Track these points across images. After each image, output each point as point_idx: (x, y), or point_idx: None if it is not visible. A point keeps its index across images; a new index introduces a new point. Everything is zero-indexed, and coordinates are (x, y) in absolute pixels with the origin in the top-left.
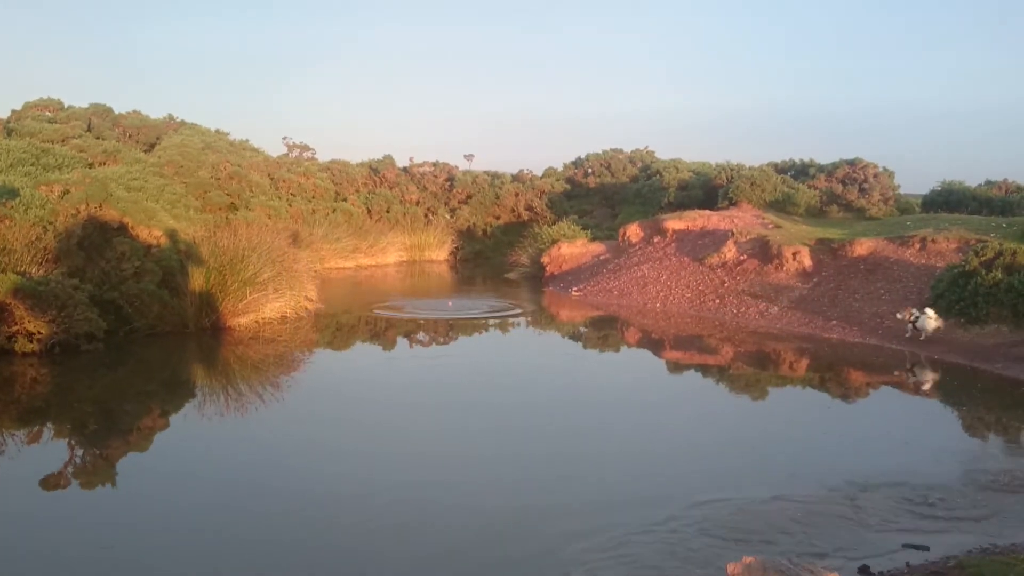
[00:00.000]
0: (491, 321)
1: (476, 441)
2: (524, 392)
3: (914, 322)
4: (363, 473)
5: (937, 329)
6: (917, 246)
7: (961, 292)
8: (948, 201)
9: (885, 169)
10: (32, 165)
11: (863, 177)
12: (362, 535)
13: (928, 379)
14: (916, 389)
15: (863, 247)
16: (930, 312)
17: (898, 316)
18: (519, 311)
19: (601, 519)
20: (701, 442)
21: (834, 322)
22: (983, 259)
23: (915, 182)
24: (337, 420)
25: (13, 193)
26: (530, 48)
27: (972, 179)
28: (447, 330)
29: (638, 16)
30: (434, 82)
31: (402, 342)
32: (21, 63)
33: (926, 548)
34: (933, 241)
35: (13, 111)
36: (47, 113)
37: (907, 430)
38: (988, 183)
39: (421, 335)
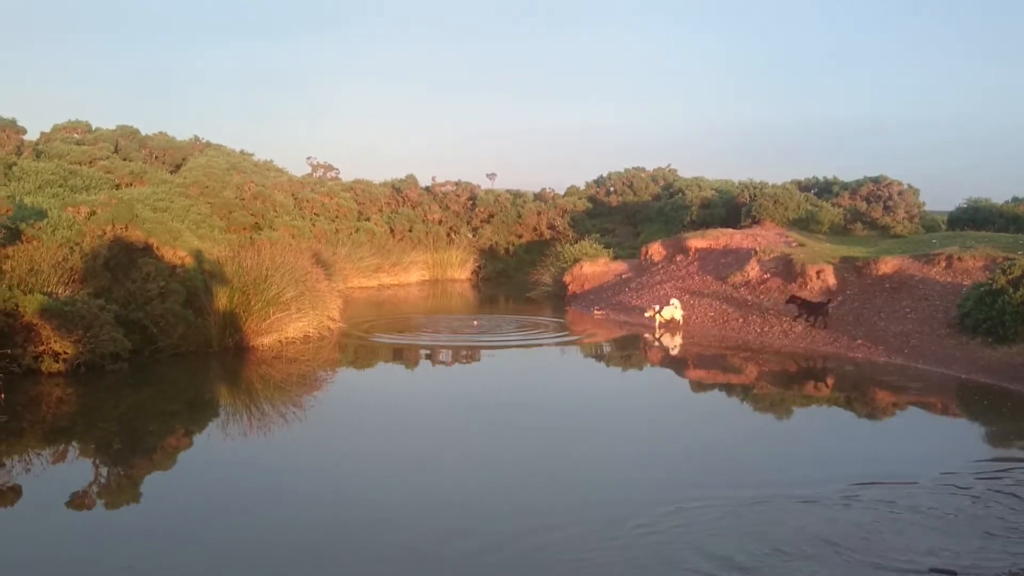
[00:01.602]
0: (515, 343)
1: (489, 454)
2: (538, 405)
3: (659, 312)
4: (383, 491)
5: (674, 320)
6: (943, 264)
7: (988, 311)
8: (974, 218)
9: (910, 186)
10: (60, 186)
11: (888, 195)
12: (380, 551)
13: (955, 399)
14: (943, 409)
15: (888, 265)
16: (675, 302)
17: (646, 315)
18: (543, 333)
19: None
20: (719, 456)
21: (859, 341)
22: (1011, 277)
23: (941, 199)
24: (359, 441)
25: (41, 214)
26: (553, 67)
27: (999, 196)
28: (468, 351)
29: (659, 33)
30: (457, 102)
31: (424, 360)
32: (50, 86)
33: (953, 573)
34: (959, 259)
35: (42, 133)
36: (75, 135)
37: (931, 449)
38: (1015, 200)
39: (443, 355)
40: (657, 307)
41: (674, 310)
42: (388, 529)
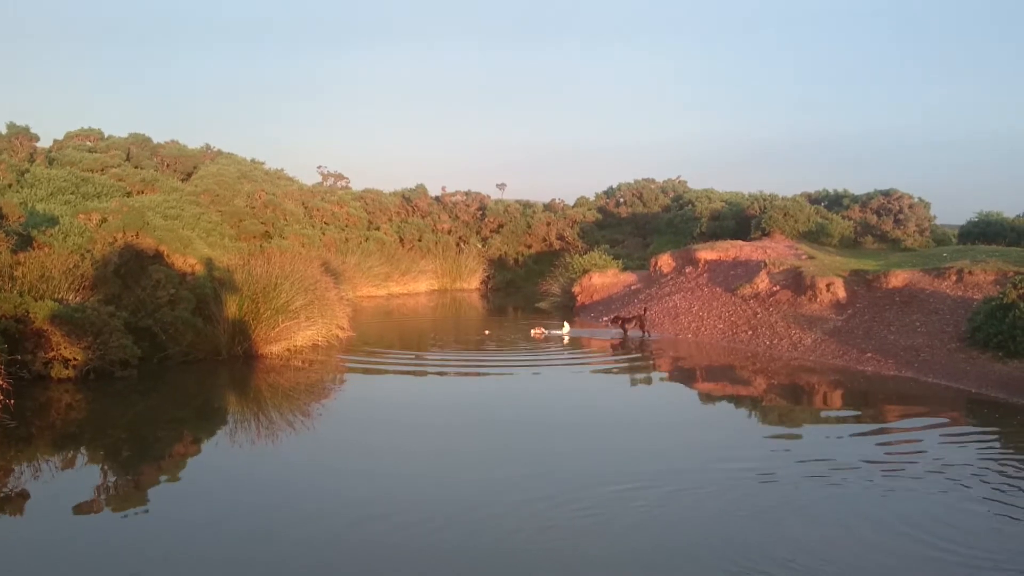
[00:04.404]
0: (523, 358)
1: (491, 457)
2: (542, 413)
3: (548, 333)
4: (392, 498)
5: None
6: (953, 278)
7: (999, 325)
8: (985, 232)
9: (921, 200)
10: (72, 194)
11: (898, 208)
12: (389, 558)
13: (966, 415)
14: (953, 424)
15: (898, 279)
16: (567, 325)
17: (532, 332)
18: (551, 344)
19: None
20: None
21: (868, 354)
22: (1022, 291)
23: (951, 213)
24: (367, 448)
25: (53, 221)
26: (563, 79)
27: (1010, 210)
28: (475, 365)
29: (670, 45)
30: (467, 112)
31: (432, 367)
32: (63, 94)
33: None
34: (970, 273)
35: (55, 140)
36: (88, 143)
37: (947, 467)
38: None
39: (452, 369)
40: (544, 330)
41: (567, 328)
42: (395, 537)
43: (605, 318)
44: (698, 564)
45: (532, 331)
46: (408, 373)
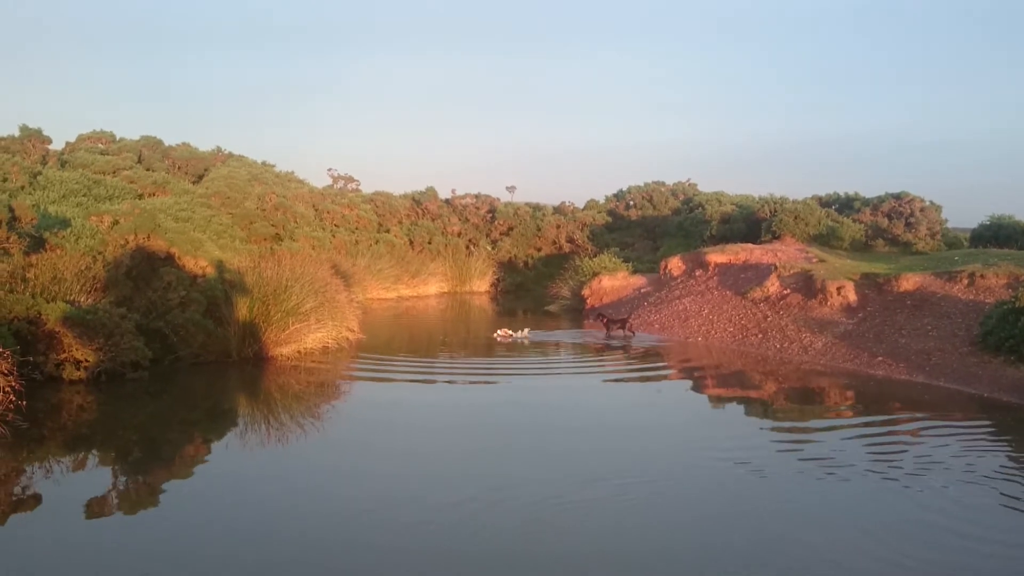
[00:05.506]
0: (532, 363)
1: (496, 458)
2: (547, 415)
3: (514, 335)
4: (398, 499)
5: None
6: (965, 281)
7: (1012, 329)
8: (997, 236)
9: (932, 203)
10: (84, 196)
11: (909, 211)
12: (393, 559)
13: (977, 419)
14: (964, 428)
15: (909, 282)
16: (526, 329)
17: (497, 334)
18: (560, 349)
19: None
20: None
21: (879, 358)
22: None
23: (963, 216)
24: (376, 450)
25: (65, 223)
26: (573, 82)
27: (1022, 213)
28: (488, 361)
29: (674, 46)
30: (477, 116)
31: (441, 371)
32: (75, 97)
33: None
34: (982, 276)
35: (67, 143)
36: (99, 145)
37: (958, 471)
38: None
39: (460, 372)
40: (510, 332)
41: (526, 333)
42: (400, 538)
43: (618, 319)
44: (703, 561)
45: (497, 333)
46: (417, 376)
